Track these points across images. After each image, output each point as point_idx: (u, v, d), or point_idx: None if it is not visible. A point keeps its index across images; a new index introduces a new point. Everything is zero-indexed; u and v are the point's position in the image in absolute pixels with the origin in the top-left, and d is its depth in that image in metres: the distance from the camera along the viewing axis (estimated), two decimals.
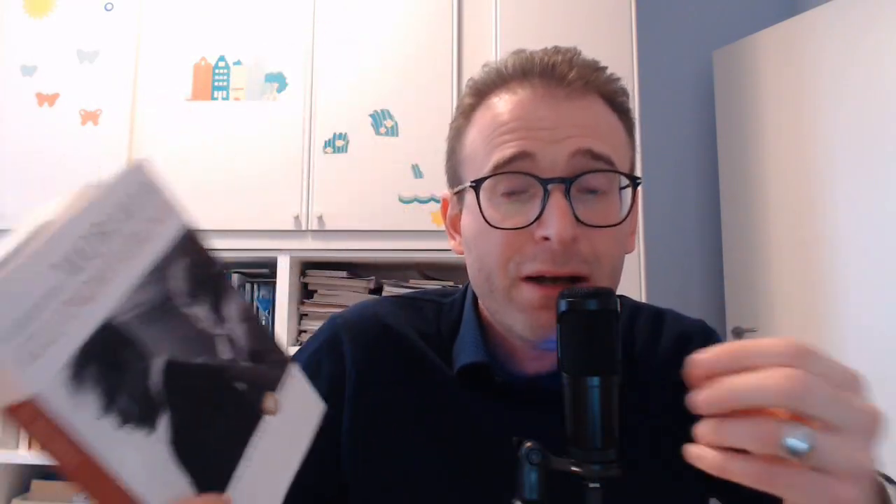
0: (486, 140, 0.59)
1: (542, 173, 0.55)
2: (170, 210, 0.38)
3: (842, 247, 2.19)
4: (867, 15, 2.14)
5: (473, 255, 0.60)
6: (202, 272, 0.39)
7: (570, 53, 0.60)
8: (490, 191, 0.57)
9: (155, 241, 0.36)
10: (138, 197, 0.35)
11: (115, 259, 0.33)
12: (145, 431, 0.32)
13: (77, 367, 0.30)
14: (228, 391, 0.38)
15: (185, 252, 0.38)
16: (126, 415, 0.32)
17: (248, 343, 0.41)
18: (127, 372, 0.32)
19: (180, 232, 0.38)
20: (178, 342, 0.36)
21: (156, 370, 0.34)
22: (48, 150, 2.01)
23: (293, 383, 0.43)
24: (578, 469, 0.45)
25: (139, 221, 0.35)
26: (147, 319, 0.34)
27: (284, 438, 0.41)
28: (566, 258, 0.54)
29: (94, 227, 0.32)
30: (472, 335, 0.64)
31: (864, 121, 2.14)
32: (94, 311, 0.31)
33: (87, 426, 0.30)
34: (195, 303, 0.38)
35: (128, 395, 0.32)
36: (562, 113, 0.57)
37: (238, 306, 0.41)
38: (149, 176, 0.37)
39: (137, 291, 0.34)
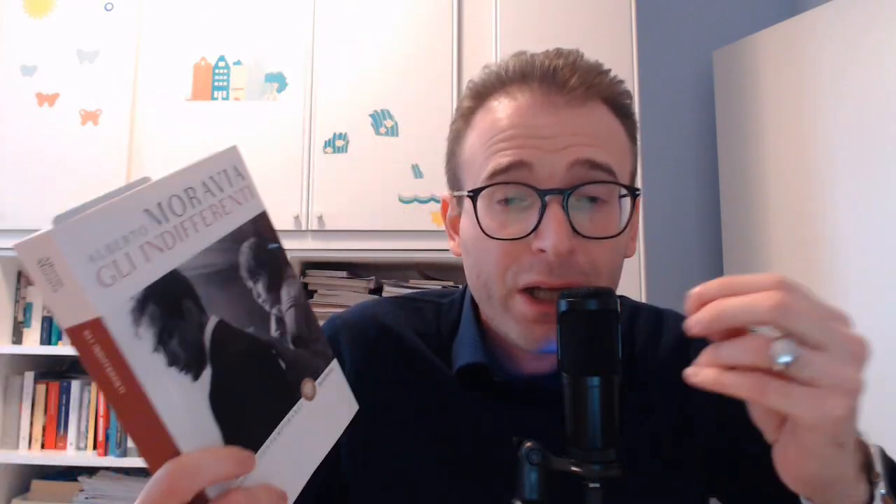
0: (484, 146, 0.58)
1: (540, 183, 0.54)
2: (250, 193, 0.42)
3: (842, 247, 2.19)
4: (867, 15, 2.14)
5: (471, 260, 0.60)
6: (267, 253, 0.42)
7: (573, 57, 0.58)
8: (487, 198, 0.57)
9: (232, 217, 0.40)
10: (226, 176, 0.40)
11: (196, 222, 0.37)
12: (191, 377, 0.34)
13: (142, 302, 0.33)
14: (271, 365, 0.40)
15: (256, 233, 0.42)
16: (175, 357, 0.34)
17: (296, 327, 0.43)
18: (183, 319, 0.35)
19: (255, 214, 0.42)
20: (235, 308, 0.38)
21: (209, 325, 0.37)
22: (48, 150, 2.01)
23: (332, 378, 0.45)
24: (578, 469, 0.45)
25: (223, 197, 0.40)
26: (211, 280, 0.37)
27: (316, 426, 0.42)
28: (563, 270, 0.53)
29: (185, 190, 0.37)
30: (471, 335, 0.64)
31: (864, 121, 2.14)
32: (167, 259, 0.35)
33: (141, 356, 0.32)
34: (256, 278, 0.41)
35: (179, 339, 0.34)
36: (562, 120, 0.56)
37: (293, 291, 0.44)
38: (238, 161, 0.42)
39: (208, 254, 0.37)
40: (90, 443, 2.01)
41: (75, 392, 2.05)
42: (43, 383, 2.06)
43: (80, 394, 2.05)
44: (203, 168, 0.39)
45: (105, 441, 1.98)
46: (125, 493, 1.96)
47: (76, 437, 2.02)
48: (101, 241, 0.31)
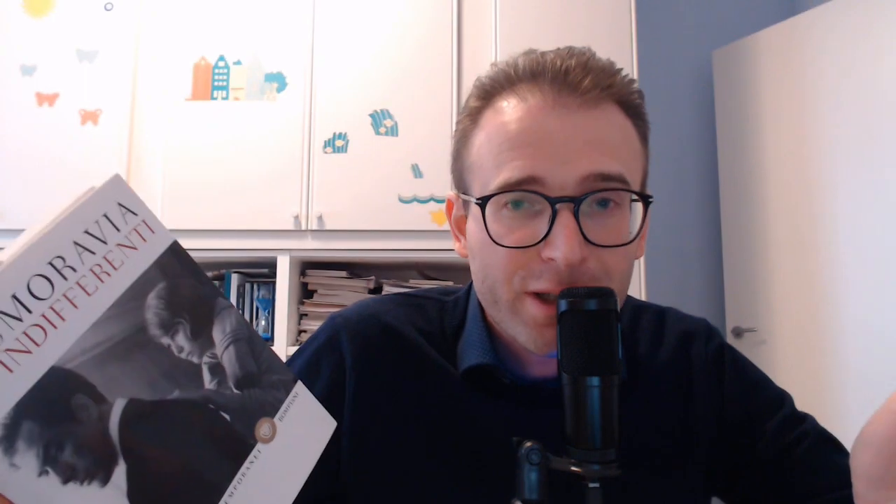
0: (493, 152, 0.56)
1: (551, 192, 0.53)
2: (148, 229, 0.34)
3: (842, 247, 2.19)
4: (867, 15, 2.14)
5: (478, 264, 0.59)
6: (184, 295, 0.35)
7: (585, 56, 0.56)
8: (495, 204, 0.55)
9: (128, 267, 0.33)
10: (108, 221, 0.32)
11: (73, 296, 0.30)
12: (97, 484, 0.30)
13: (12, 425, 0.27)
14: (211, 424, 0.35)
15: (166, 274, 0.35)
16: (72, 470, 0.29)
17: (239, 367, 0.38)
18: (74, 421, 0.29)
19: (161, 252, 0.35)
20: (148, 377, 0.33)
21: (114, 414, 0.31)
22: (48, 149, 2.01)
23: (298, 404, 0.41)
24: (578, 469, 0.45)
25: (108, 249, 0.32)
26: (108, 358, 0.31)
27: (284, 463, 0.39)
28: (573, 277, 0.52)
29: (50, 263, 0.30)
30: (479, 336, 0.63)
31: (863, 121, 2.14)
32: (38, 359, 0.28)
33: (23, 488, 0.27)
34: (174, 331, 0.35)
35: (74, 447, 0.29)
36: (573, 125, 0.54)
37: (230, 327, 0.38)
38: (123, 193, 0.33)
39: (99, 328, 0.31)
40: None
41: None
42: None
43: None
44: (74, 223, 0.31)
45: None
46: None
47: None
48: None
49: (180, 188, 1.98)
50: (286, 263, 1.98)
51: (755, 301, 2.46)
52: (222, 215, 1.97)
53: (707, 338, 0.68)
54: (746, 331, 2.47)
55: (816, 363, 2.22)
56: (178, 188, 1.98)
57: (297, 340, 2.03)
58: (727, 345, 0.69)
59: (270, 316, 2.01)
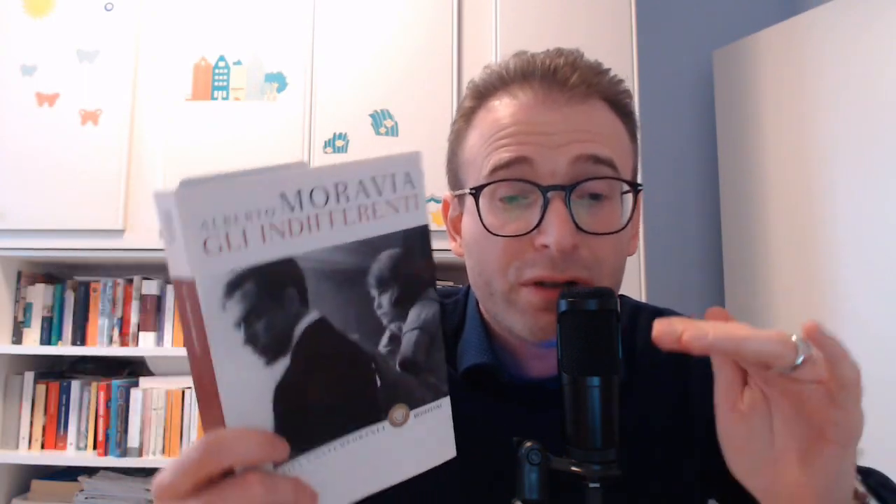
0: (485, 144, 0.58)
1: (542, 180, 0.54)
2: (414, 204, 0.40)
3: (841, 247, 2.19)
4: (867, 15, 2.14)
5: (473, 258, 0.60)
6: (410, 269, 0.40)
7: (573, 56, 0.59)
8: (489, 196, 0.57)
9: (383, 222, 0.39)
10: (392, 181, 0.39)
11: (335, 217, 0.37)
12: (264, 361, 0.35)
13: (240, 278, 0.33)
14: (362, 377, 0.39)
15: (406, 245, 0.40)
16: (255, 338, 0.34)
17: (412, 351, 0.41)
18: (278, 306, 0.35)
19: (412, 227, 0.40)
20: (345, 311, 0.38)
21: (307, 319, 0.36)
22: (48, 150, 2.00)
23: (436, 415, 0.43)
24: (578, 469, 0.45)
25: (378, 200, 0.38)
26: (329, 278, 0.37)
27: (394, 454, 0.41)
28: (566, 264, 0.54)
29: (335, 185, 0.37)
30: (477, 336, 0.64)
31: (864, 121, 2.14)
32: (286, 245, 0.35)
33: (220, 327, 0.33)
34: (384, 290, 0.39)
35: (267, 323, 0.35)
36: (563, 117, 0.56)
37: (425, 316, 0.41)
38: (414, 168, 0.40)
39: (338, 251, 0.37)
40: (90, 443, 2.01)
41: (75, 392, 2.04)
42: (43, 383, 2.06)
43: (80, 394, 2.04)
44: (369, 167, 0.38)
45: (105, 441, 1.98)
46: (125, 494, 1.96)
47: (76, 437, 2.02)
48: (220, 211, 0.32)
49: None
50: None
51: (755, 301, 2.46)
52: None
53: None
54: None
55: None
56: None
57: None
58: None
59: None
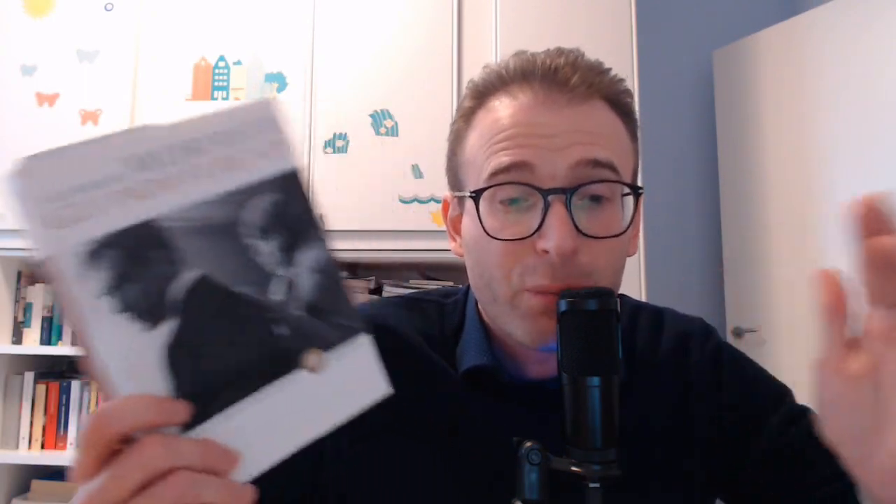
0: (485, 146, 0.57)
1: (542, 183, 0.54)
2: (279, 149, 0.39)
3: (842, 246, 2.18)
4: (867, 15, 2.14)
5: (474, 261, 0.59)
6: (289, 213, 0.39)
7: (573, 56, 0.58)
8: (489, 199, 0.56)
9: (248, 171, 0.38)
10: (250, 129, 0.38)
11: (193, 173, 0.36)
12: (143, 326, 0.34)
13: (99, 247, 0.33)
14: (261, 330, 0.38)
15: (279, 190, 0.39)
16: (129, 305, 0.34)
17: (310, 294, 0.40)
18: (148, 269, 0.34)
19: (283, 172, 0.39)
20: (225, 265, 0.37)
21: (184, 279, 0.35)
22: None
23: (356, 353, 0.42)
24: (578, 469, 0.45)
25: (239, 150, 0.37)
26: (200, 233, 0.36)
27: (316, 402, 0.39)
28: (565, 272, 0.53)
29: (186, 140, 0.35)
30: (477, 337, 0.64)
31: (864, 121, 2.14)
32: (145, 207, 0.34)
33: (88, 299, 0.32)
34: (265, 238, 0.39)
35: (140, 289, 0.34)
36: (563, 119, 0.55)
37: (318, 258, 0.41)
38: (270, 113, 0.39)
39: (205, 206, 0.36)
40: None
41: (75, 392, 2.05)
42: (43, 383, 2.06)
43: (80, 394, 2.05)
44: (222, 118, 0.37)
45: None
46: None
47: (76, 436, 2.02)
48: (60, 184, 0.31)
49: None
50: None
51: (755, 301, 2.46)
52: None
53: (704, 337, 0.68)
54: (747, 331, 2.47)
55: None
56: None
57: None
58: (724, 343, 0.69)
59: None
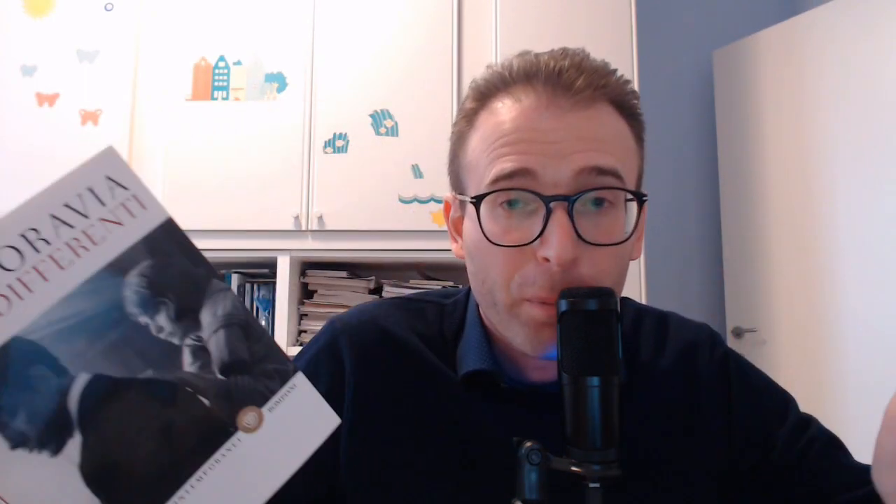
0: (487, 149, 0.57)
1: (545, 190, 0.53)
2: (139, 204, 0.34)
3: (842, 247, 2.19)
4: (867, 15, 2.14)
5: (476, 265, 0.59)
6: (174, 274, 0.35)
7: (579, 57, 0.57)
8: (491, 202, 0.56)
9: (109, 243, 0.33)
10: (93, 195, 0.32)
11: (45, 269, 0.31)
12: (47, 453, 0.30)
13: None
14: (185, 407, 0.35)
15: (154, 251, 0.34)
16: (22, 437, 0.30)
17: (227, 353, 0.36)
18: (30, 390, 0.30)
19: (151, 229, 0.34)
20: (119, 356, 0.33)
21: (75, 388, 0.31)
22: (48, 150, 2.01)
23: (295, 396, 0.39)
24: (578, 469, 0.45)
25: (88, 224, 0.32)
26: (77, 333, 0.31)
27: (268, 455, 0.37)
28: (566, 282, 0.52)
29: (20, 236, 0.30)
30: (477, 340, 0.63)
31: (864, 121, 2.14)
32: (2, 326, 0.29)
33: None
34: (157, 310, 0.34)
35: (27, 415, 0.30)
36: (567, 124, 0.54)
37: (223, 310, 0.36)
38: (112, 168, 0.33)
39: (70, 302, 0.31)
40: None
41: None
42: None
43: None
44: (48, 196, 0.31)
45: None
46: None
47: None
48: None
49: (180, 188, 1.98)
50: (286, 264, 1.98)
51: (755, 301, 2.46)
52: (222, 215, 1.97)
53: (711, 347, 0.67)
54: (747, 331, 2.47)
55: (817, 363, 2.22)
56: (178, 188, 1.98)
57: (298, 341, 2.03)
58: (731, 352, 0.69)
59: (270, 316, 2.01)
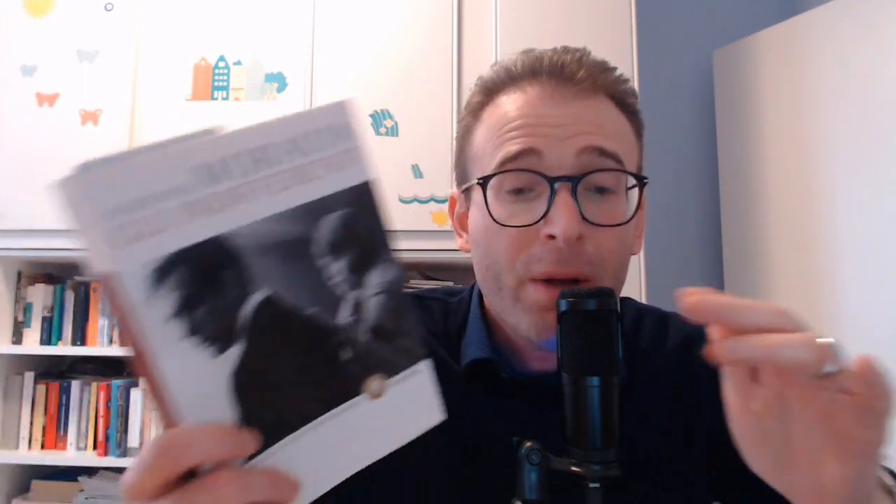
0: (493, 137, 0.59)
1: (549, 171, 0.55)
2: (355, 158, 0.36)
3: (842, 247, 2.19)
4: (867, 15, 2.14)
5: (481, 252, 0.60)
6: (360, 230, 0.37)
7: (580, 53, 0.60)
8: (497, 188, 0.58)
9: (320, 184, 0.35)
10: (324, 137, 0.35)
11: (269, 184, 0.33)
12: (211, 352, 0.32)
13: (166, 266, 0.30)
14: (327, 353, 0.36)
15: (351, 204, 0.36)
16: (197, 328, 0.31)
17: (379, 317, 0.38)
18: (218, 290, 0.32)
19: (355, 184, 0.36)
20: (295, 285, 0.35)
21: (252, 300, 0.33)
22: (48, 150, 2.01)
23: (416, 380, 0.40)
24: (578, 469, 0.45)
25: (311, 160, 0.35)
26: (270, 251, 0.33)
27: (376, 427, 0.38)
28: (571, 259, 0.54)
29: (259, 148, 0.33)
30: (478, 332, 0.64)
31: (864, 121, 2.14)
32: (214, 223, 0.31)
33: (154, 321, 0.30)
34: (335, 256, 0.36)
35: (209, 311, 0.32)
36: (570, 111, 0.57)
37: (388, 277, 0.38)
38: (345, 118, 0.36)
39: (275, 221, 0.33)
40: (90, 443, 2.01)
41: (75, 392, 2.04)
42: (43, 383, 2.06)
43: (80, 394, 2.05)
44: (294, 124, 0.34)
45: (105, 441, 1.98)
46: None
47: (76, 437, 2.02)
48: (126, 196, 0.29)
49: None
50: None
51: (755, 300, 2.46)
52: None
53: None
54: None
55: None
56: None
57: None
58: None
59: None
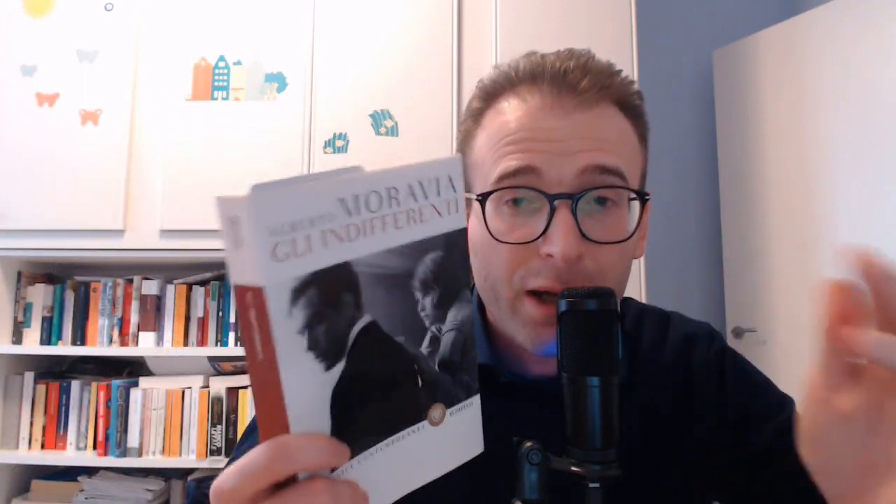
0: (492, 148, 0.58)
1: (549, 188, 0.54)
2: (455, 207, 0.41)
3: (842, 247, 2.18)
4: (867, 15, 2.14)
5: (479, 262, 0.60)
6: (450, 271, 0.41)
7: (584, 58, 0.58)
8: (496, 200, 0.57)
9: (428, 225, 0.39)
10: (437, 185, 0.40)
11: (387, 221, 0.37)
12: (324, 366, 0.35)
13: (305, 284, 0.33)
14: (407, 379, 0.40)
15: (446, 247, 0.41)
16: (317, 343, 0.34)
17: (449, 352, 0.42)
18: (337, 310, 0.35)
19: (453, 230, 0.41)
20: (393, 314, 0.38)
21: (359, 324, 0.37)
22: (48, 150, 2.00)
23: (467, 412, 0.44)
24: (578, 469, 0.45)
25: (425, 204, 0.39)
26: (379, 281, 0.37)
27: (431, 452, 0.42)
28: (570, 275, 0.53)
29: (388, 189, 0.37)
30: (478, 337, 0.64)
31: (864, 121, 2.14)
32: (344, 250, 0.35)
33: (286, 333, 0.33)
34: (427, 292, 0.40)
35: (327, 328, 0.35)
36: (571, 124, 0.55)
37: (461, 317, 0.42)
38: (456, 172, 0.41)
39: (388, 255, 0.37)
40: (90, 443, 2.01)
41: (75, 392, 2.04)
42: (43, 383, 2.06)
43: (80, 394, 2.04)
44: (417, 171, 0.39)
45: (105, 441, 1.98)
46: (125, 494, 1.96)
47: (76, 437, 2.02)
48: (288, 217, 0.33)
49: (180, 188, 1.98)
50: None
51: (755, 301, 2.46)
52: None
53: (709, 341, 0.68)
54: (746, 331, 2.47)
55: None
56: (178, 188, 1.98)
57: None
58: (729, 348, 0.69)
59: None
